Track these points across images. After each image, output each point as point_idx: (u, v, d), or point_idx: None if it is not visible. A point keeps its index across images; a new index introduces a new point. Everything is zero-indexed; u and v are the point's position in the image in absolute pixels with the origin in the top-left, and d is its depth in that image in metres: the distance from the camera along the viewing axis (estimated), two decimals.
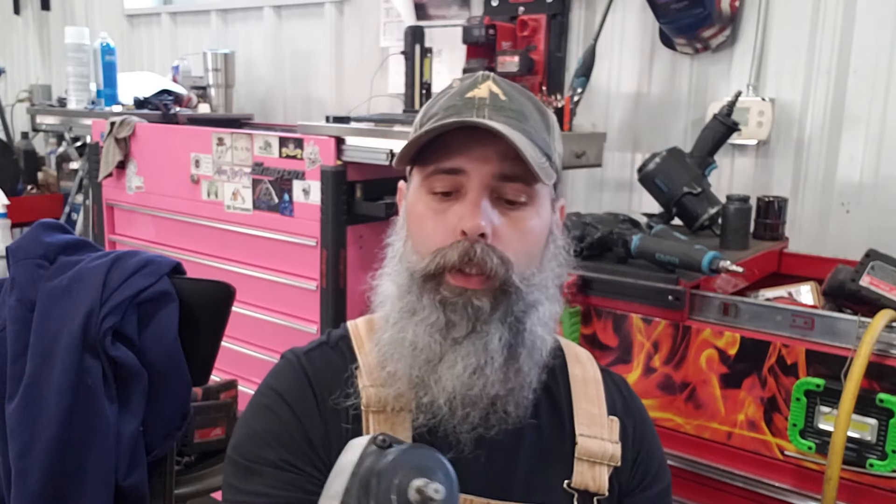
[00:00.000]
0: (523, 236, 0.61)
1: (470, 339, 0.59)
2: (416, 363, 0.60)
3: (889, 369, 0.93)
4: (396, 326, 0.61)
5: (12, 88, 3.23)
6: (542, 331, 0.62)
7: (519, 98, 0.63)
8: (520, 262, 0.60)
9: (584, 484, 0.65)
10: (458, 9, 1.99)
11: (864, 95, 1.43)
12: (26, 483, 1.03)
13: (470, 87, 0.63)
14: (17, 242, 1.16)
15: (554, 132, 0.65)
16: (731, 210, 1.29)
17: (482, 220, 0.58)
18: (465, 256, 0.58)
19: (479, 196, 0.59)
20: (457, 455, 0.60)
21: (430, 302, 0.60)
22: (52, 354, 1.06)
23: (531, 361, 0.62)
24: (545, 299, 0.63)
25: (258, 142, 1.68)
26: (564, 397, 0.68)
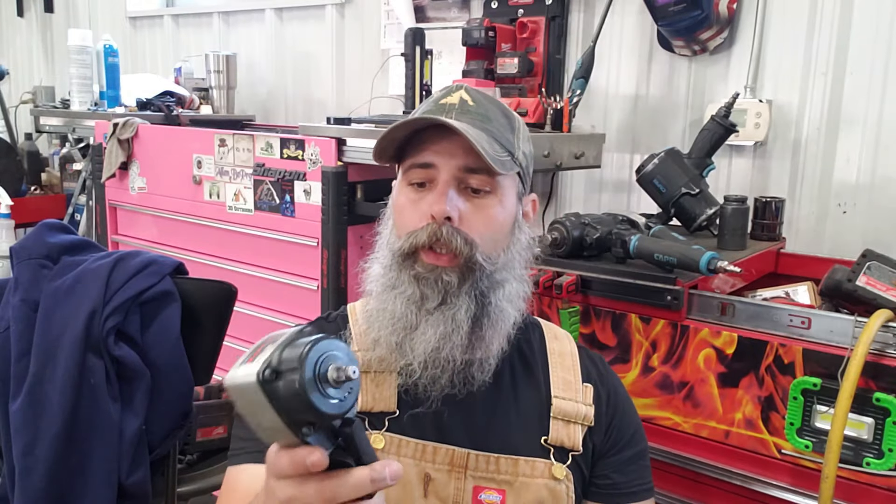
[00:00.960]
0: (487, 221, 0.70)
1: (440, 309, 0.68)
2: (395, 330, 0.69)
3: (885, 368, 0.93)
4: (379, 298, 0.71)
5: (16, 90, 3.24)
6: (507, 306, 0.71)
7: (486, 104, 0.73)
8: (484, 243, 0.69)
9: (559, 440, 0.74)
10: (458, 11, 2.00)
11: (861, 97, 1.44)
12: (30, 481, 1.04)
13: (444, 95, 0.73)
14: (21, 243, 1.17)
15: (520, 133, 0.74)
16: (728, 210, 1.30)
17: (447, 205, 0.68)
18: (434, 237, 0.68)
19: (446, 186, 0.69)
20: (426, 409, 0.70)
21: (407, 277, 0.69)
22: (55, 354, 1.07)
23: (494, 331, 0.70)
24: (512, 279, 0.72)
25: (260, 143, 1.69)
26: (542, 368, 0.77)
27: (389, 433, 0.71)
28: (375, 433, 0.71)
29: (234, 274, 1.77)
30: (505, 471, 0.71)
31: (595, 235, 1.18)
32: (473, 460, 0.71)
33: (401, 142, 0.71)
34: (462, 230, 0.68)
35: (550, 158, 1.45)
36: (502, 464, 0.71)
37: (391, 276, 0.70)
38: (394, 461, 0.48)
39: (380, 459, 0.48)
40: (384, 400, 0.72)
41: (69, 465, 1.05)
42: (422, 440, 0.71)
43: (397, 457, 0.71)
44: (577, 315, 1.17)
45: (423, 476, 0.71)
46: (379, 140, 0.70)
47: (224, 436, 1.34)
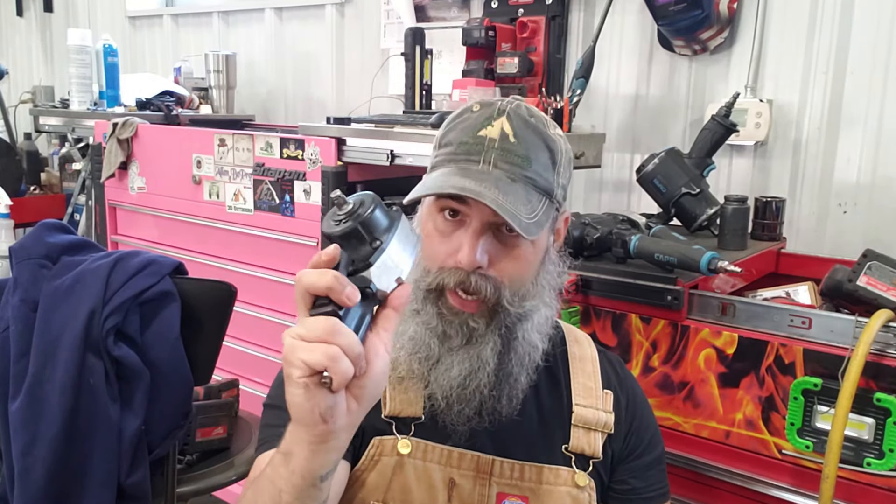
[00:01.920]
0: (516, 263, 0.68)
1: (465, 348, 0.68)
2: (414, 357, 0.68)
3: (886, 369, 0.93)
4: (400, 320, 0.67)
5: (15, 90, 3.24)
6: (535, 337, 0.70)
7: (528, 138, 0.68)
8: (512, 283, 0.68)
9: (580, 448, 0.74)
10: (458, 10, 2.00)
11: (862, 96, 1.44)
12: (30, 481, 1.04)
13: (484, 124, 0.68)
14: (21, 243, 1.17)
15: (560, 167, 0.71)
16: (729, 210, 1.30)
17: (478, 256, 0.66)
18: (461, 284, 0.67)
19: (478, 233, 0.66)
20: (454, 444, 0.70)
21: (432, 310, 0.68)
22: (54, 354, 1.07)
23: (521, 366, 0.70)
24: (542, 306, 0.71)
25: (259, 143, 1.69)
26: (563, 373, 0.77)
27: (416, 438, 0.71)
28: (402, 438, 0.71)
29: (234, 274, 1.77)
30: (529, 478, 0.72)
31: (595, 235, 1.17)
32: (498, 467, 0.71)
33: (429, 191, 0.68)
34: (490, 275, 0.67)
35: None
36: (526, 471, 0.72)
37: (416, 302, 0.69)
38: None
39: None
40: (411, 405, 0.72)
41: (68, 465, 1.05)
42: (447, 446, 0.71)
43: (423, 462, 0.71)
44: (577, 315, 1.17)
45: (448, 481, 0.71)
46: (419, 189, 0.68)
47: (224, 436, 1.34)
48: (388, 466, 0.71)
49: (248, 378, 1.76)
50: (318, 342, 0.46)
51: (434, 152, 0.72)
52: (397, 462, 0.71)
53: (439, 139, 0.72)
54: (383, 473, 0.70)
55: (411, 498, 0.70)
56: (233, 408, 1.38)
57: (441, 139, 0.71)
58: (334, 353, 0.45)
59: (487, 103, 0.70)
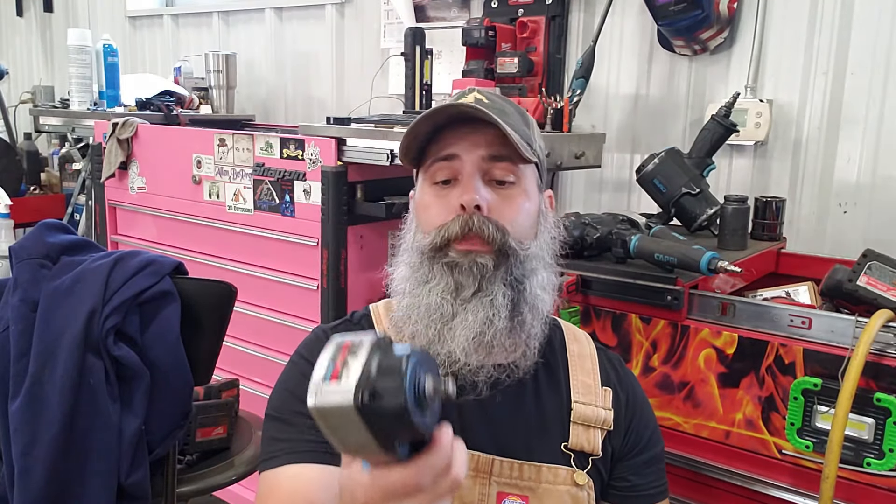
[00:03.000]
0: (515, 210, 0.70)
1: (477, 296, 0.68)
2: (431, 322, 0.68)
3: (886, 369, 0.93)
4: (411, 294, 0.70)
5: (15, 90, 3.24)
6: (541, 292, 0.71)
7: (501, 102, 0.74)
8: (515, 230, 0.70)
9: (579, 445, 0.74)
10: (458, 10, 2.00)
11: (862, 96, 1.44)
12: (29, 481, 1.04)
13: (458, 97, 0.73)
14: (21, 243, 1.17)
15: (534, 130, 0.75)
16: (729, 210, 1.30)
17: (476, 194, 0.68)
18: (466, 227, 0.68)
19: (473, 176, 0.69)
20: (476, 396, 0.69)
21: (440, 269, 0.69)
22: (54, 354, 1.07)
23: (533, 316, 0.70)
24: (542, 268, 0.72)
25: (259, 143, 1.69)
26: (562, 370, 0.77)
27: None
28: None
29: (234, 274, 1.77)
30: (528, 477, 0.72)
31: (595, 235, 1.17)
32: (498, 466, 0.71)
33: (424, 139, 0.71)
34: (493, 218, 0.68)
35: (550, 158, 1.45)
36: (526, 470, 0.72)
37: (423, 271, 0.70)
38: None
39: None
40: None
41: (68, 465, 1.05)
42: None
43: None
44: (577, 315, 1.17)
45: None
46: (404, 136, 0.70)
47: (224, 436, 1.34)
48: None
49: (249, 378, 1.76)
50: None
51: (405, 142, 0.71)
52: None
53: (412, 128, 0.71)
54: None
55: None
56: (233, 408, 1.38)
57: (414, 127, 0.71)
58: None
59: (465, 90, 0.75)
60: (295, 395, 0.71)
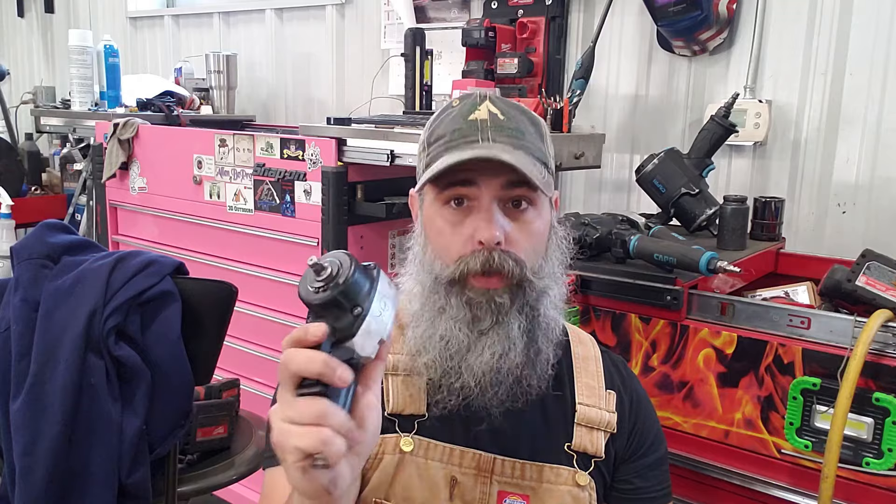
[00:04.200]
0: (531, 236, 0.69)
1: (494, 329, 0.68)
2: (446, 353, 0.69)
3: (885, 368, 0.93)
4: (427, 322, 0.70)
5: (17, 90, 3.25)
6: (553, 312, 0.72)
7: (515, 115, 0.71)
8: (530, 258, 0.69)
9: (582, 447, 0.74)
10: (458, 11, 2.01)
11: (861, 97, 1.44)
12: (31, 480, 1.04)
13: (471, 110, 0.70)
14: (22, 243, 1.17)
15: (546, 139, 0.73)
16: (728, 211, 1.30)
17: (496, 230, 0.66)
18: (486, 264, 0.67)
19: (492, 207, 0.67)
20: (489, 426, 0.70)
21: (458, 302, 0.68)
22: (55, 353, 1.07)
23: (547, 340, 0.71)
24: (554, 283, 0.72)
25: (260, 143, 1.70)
26: (567, 372, 0.77)
27: (418, 436, 0.71)
28: (405, 436, 0.71)
29: (235, 274, 1.77)
30: (530, 477, 0.72)
31: (595, 235, 1.18)
32: (500, 465, 0.72)
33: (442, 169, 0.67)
34: (511, 252, 0.67)
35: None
36: (527, 470, 0.72)
37: (437, 299, 0.69)
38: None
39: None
40: (414, 402, 0.72)
41: (69, 464, 1.05)
42: (450, 444, 0.71)
43: (425, 460, 0.71)
44: (576, 315, 1.17)
45: (450, 479, 0.71)
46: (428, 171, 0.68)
47: (224, 436, 1.34)
48: (391, 464, 0.71)
49: (249, 378, 1.76)
50: (310, 426, 0.46)
51: (425, 152, 0.72)
52: (399, 460, 0.71)
53: (427, 138, 0.72)
54: (385, 471, 0.71)
55: (413, 496, 0.71)
56: (233, 407, 1.38)
57: (429, 137, 0.72)
58: (327, 437, 0.46)
59: (466, 95, 0.72)
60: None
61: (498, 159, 0.65)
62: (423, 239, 0.72)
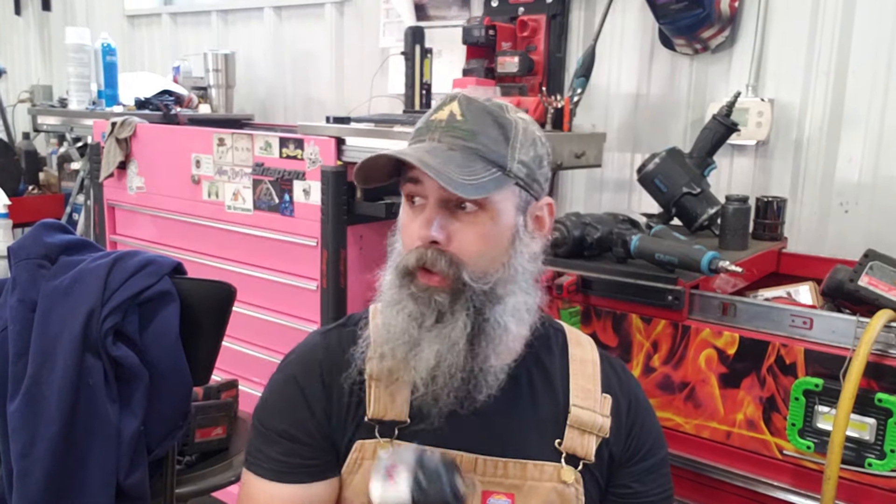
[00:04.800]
0: (477, 238, 0.69)
1: (437, 327, 0.69)
2: (398, 345, 0.70)
3: (887, 369, 0.93)
4: (385, 313, 0.72)
5: (13, 89, 3.24)
6: (510, 321, 0.71)
7: (477, 117, 0.70)
8: (476, 261, 0.69)
9: (572, 449, 0.74)
10: (458, 9, 2.00)
11: (863, 96, 1.43)
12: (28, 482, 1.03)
13: (437, 109, 0.72)
14: (19, 242, 1.16)
15: (516, 143, 0.71)
16: (730, 210, 1.30)
17: (432, 230, 0.68)
18: (420, 260, 0.69)
19: (433, 209, 0.69)
20: (427, 427, 0.71)
21: (406, 295, 0.70)
22: (53, 354, 1.06)
23: (492, 347, 0.70)
24: (517, 291, 0.71)
25: (259, 142, 1.69)
26: (561, 373, 0.77)
27: (398, 440, 0.72)
28: (384, 441, 0.72)
29: (233, 274, 1.77)
30: (513, 475, 0.72)
31: (596, 235, 1.17)
32: (482, 465, 0.71)
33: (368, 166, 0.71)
34: (448, 252, 0.68)
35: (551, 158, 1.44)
36: (510, 468, 0.72)
37: (394, 292, 0.71)
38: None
39: None
40: (396, 409, 0.72)
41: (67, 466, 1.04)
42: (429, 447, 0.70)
43: None
44: (577, 315, 1.16)
45: None
46: (357, 169, 0.71)
47: (223, 436, 1.33)
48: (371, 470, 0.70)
49: (248, 378, 1.76)
50: None
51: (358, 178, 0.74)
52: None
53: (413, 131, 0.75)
54: (366, 477, 0.70)
55: None
56: (232, 408, 1.38)
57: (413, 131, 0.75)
58: None
59: (450, 95, 0.73)
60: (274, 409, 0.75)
61: (412, 163, 0.66)
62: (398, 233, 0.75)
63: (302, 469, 0.73)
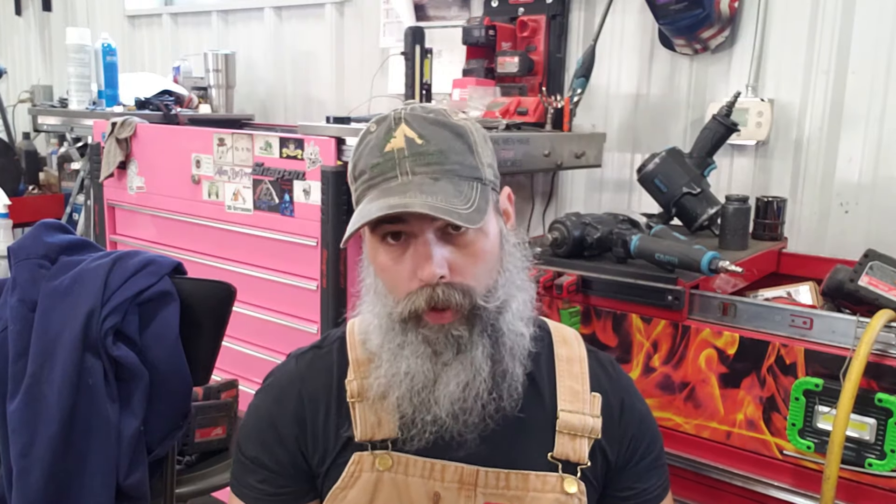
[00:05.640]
0: (476, 258, 0.66)
1: (457, 359, 0.66)
2: (414, 389, 0.66)
3: (887, 369, 0.93)
4: (390, 361, 0.67)
5: (14, 89, 3.24)
6: (519, 324, 0.69)
7: (435, 134, 0.65)
8: (480, 280, 0.66)
9: (565, 455, 0.72)
10: (458, 9, 2.00)
11: (863, 96, 1.43)
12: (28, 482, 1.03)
13: (386, 138, 0.65)
14: (19, 242, 1.16)
15: (477, 148, 0.67)
16: (730, 210, 1.30)
17: (436, 266, 0.63)
18: (432, 301, 0.64)
19: (427, 243, 0.64)
20: (467, 453, 0.69)
21: (415, 337, 0.66)
22: (53, 354, 1.06)
23: (513, 359, 0.68)
24: (516, 291, 0.69)
25: (259, 142, 1.69)
26: (547, 376, 0.74)
27: (397, 453, 0.70)
28: (381, 453, 0.69)
29: (233, 274, 1.76)
30: (515, 486, 0.70)
31: (596, 235, 1.17)
32: (483, 477, 0.70)
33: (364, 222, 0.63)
34: (456, 282, 0.64)
35: (551, 158, 1.45)
36: (512, 479, 0.70)
37: (395, 336, 0.67)
38: None
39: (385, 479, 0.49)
40: (384, 427, 0.70)
41: (67, 466, 1.04)
42: (429, 458, 0.70)
43: (405, 476, 0.69)
44: (577, 315, 1.16)
45: (433, 495, 0.70)
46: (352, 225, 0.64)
47: (223, 436, 1.33)
48: (369, 483, 0.69)
49: (248, 378, 1.75)
50: None
51: (353, 186, 0.69)
52: (377, 478, 0.69)
53: (352, 172, 0.68)
54: (364, 490, 0.69)
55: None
56: (232, 408, 1.38)
57: (354, 171, 0.68)
58: None
59: (382, 118, 0.67)
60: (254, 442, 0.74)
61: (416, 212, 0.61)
62: (371, 269, 0.70)
63: (275, 497, 0.72)
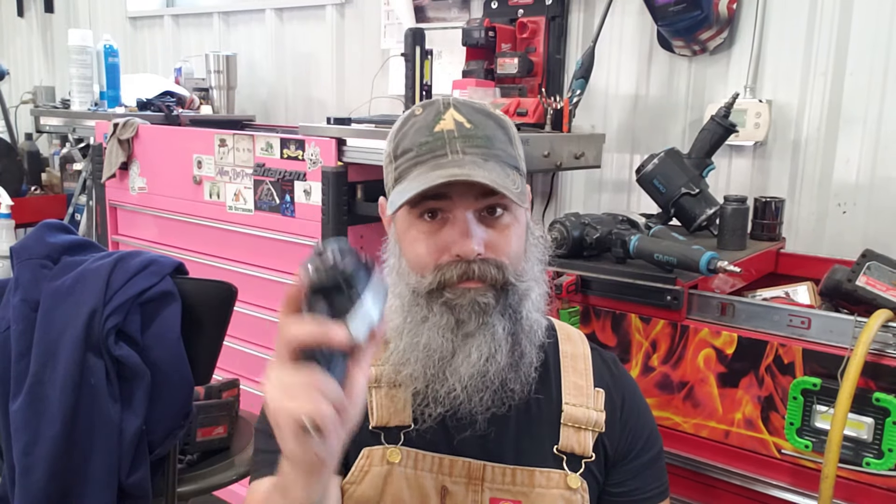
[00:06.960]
0: (509, 241, 0.68)
1: (480, 331, 0.67)
2: (430, 362, 0.68)
3: (885, 368, 0.93)
4: (410, 334, 0.69)
5: (16, 90, 3.25)
6: (536, 315, 0.71)
7: (482, 121, 0.68)
8: (513, 261, 0.68)
9: (570, 448, 0.73)
10: (458, 11, 2.01)
11: (861, 97, 1.44)
12: (30, 480, 1.04)
13: (436, 120, 0.68)
14: (22, 243, 1.17)
15: (515, 140, 0.72)
16: (728, 211, 1.30)
17: (475, 243, 0.65)
18: (465, 275, 0.66)
19: (467, 220, 0.66)
20: (473, 432, 0.69)
21: (438, 307, 0.67)
22: (55, 353, 1.07)
23: (530, 343, 0.70)
24: (535, 284, 0.71)
25: (260, 143, 1.70)
26: (553, 371, 0.76)
27: (406, 447, 0.71)
28: (391, 447, 0.71)
29: (234, 274, 1.77)
30: (521, 482, 0.71)
31: (595, 235, 1.18)
32: (490, 472, 0.71)
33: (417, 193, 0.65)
34: (492, 258, 0.66)
35: (550, 158, 1.45)
36: (518, 475, 0.71)
37: (421, 311, 0.68)
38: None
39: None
40: (399, 414, 0.71)
41: (69, 465, 1.05)
42: (438, 453, 0.71)
43: (414, 470, 0.71)
44: (577, 315, 1.17)
45: (440, 489, 0.71)
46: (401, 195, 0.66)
47: (224, 436, 1.34)
48: (379, 476, 0.70)
49: (249, 378, 1.76)
50: (304, 394, 0.49)
51: (392, 165, 0.70)
52: (388, 471, 0.70)
53: (393, 151, 0.70)
54: (374, 484, 0.70)
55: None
56: (233, 408, 1.38)
57: (395, 150, 0.70)
58: (322, 408, 0.49)
59: (428, 103, 0.70)
60: None
61: (471, 181, 0.63)
62: (397, 250, 0.71)
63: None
